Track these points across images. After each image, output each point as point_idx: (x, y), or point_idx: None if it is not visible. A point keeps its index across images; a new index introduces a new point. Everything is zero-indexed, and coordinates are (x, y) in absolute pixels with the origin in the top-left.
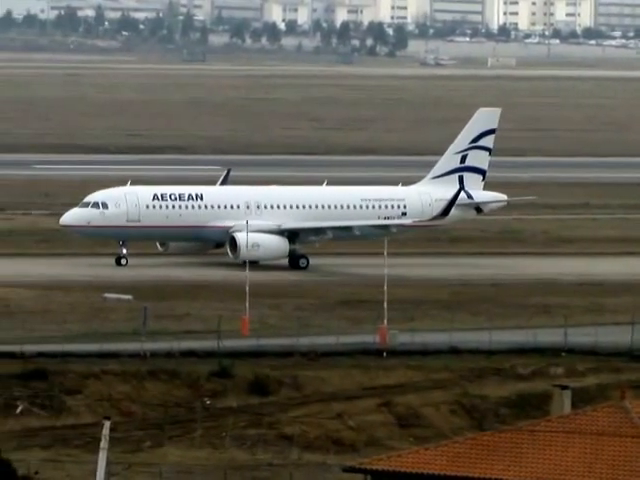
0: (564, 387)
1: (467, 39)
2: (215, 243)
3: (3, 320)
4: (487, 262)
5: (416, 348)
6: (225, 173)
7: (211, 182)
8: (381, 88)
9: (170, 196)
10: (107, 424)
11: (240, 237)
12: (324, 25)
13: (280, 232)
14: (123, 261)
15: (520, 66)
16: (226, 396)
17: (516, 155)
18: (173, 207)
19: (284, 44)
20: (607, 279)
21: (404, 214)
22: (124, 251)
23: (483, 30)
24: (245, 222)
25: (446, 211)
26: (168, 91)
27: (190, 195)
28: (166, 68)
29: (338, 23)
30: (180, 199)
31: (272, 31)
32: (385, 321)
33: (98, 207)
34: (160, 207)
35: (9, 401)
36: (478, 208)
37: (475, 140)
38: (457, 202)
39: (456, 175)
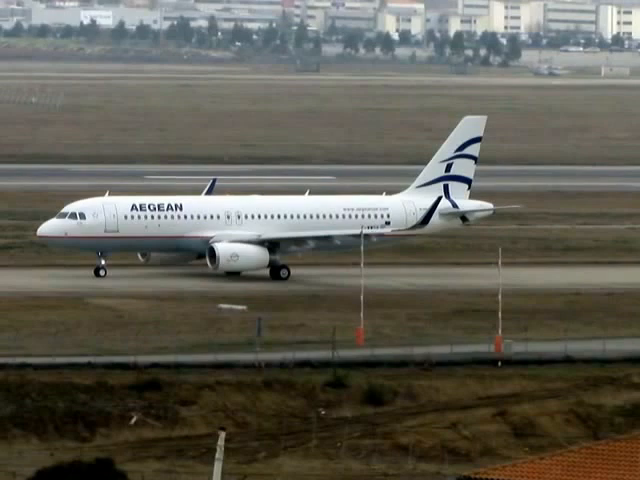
0: None
1: (580, 49)
2: (197, 254)
3: (117, 331)
4: (600, 271)
5: (531, 357)
6: (210, 183)
7: (324, 192)
8: (494, 98)
9: (149, 206)
10: (222, 435)
11: (219, 248)
12: (437, 35)
13: (260, 242)
14: (102, 272)
15: (634, 75)
16: (341, 406)
17: (630, 164)
18: (152, 217)
19: (397, 54)
20: None
21: (387, 223)
22: (102, 262)
23: (597, 40)
24: (225, 232)
25: (425, 220)
26: (281, 101)
27: (169, 205)
28: (279, 78)
29: (451, 33)
30: (159, 209)
31: (385, 41)
32: (500, 330)
33: (75, 218)
34: (139, 217)
35: (123, 412)
36: (464, 217)
37: (460, 148)
38: (444, 211)
39: (441, 184)
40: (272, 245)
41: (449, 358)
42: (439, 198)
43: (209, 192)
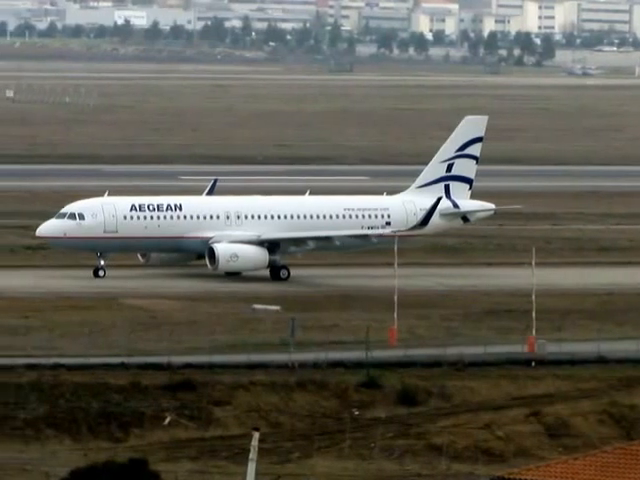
0: None
1: (614, 48)
2: (197, 254)
3: (150, 331)
4: (634, 272)
5: (564, 358)
6: (212, 183)
7: (358, 192)
8: (528, 98)
9: (148, 207)
10: (256, 435)
11: (218, 248)
12: (471, 35)
13: (260, 243)
14: (101, 272)
15: None
16: (374, 407)
17: None
18: (151, 218)
19: (431, 54)
20: None
21: (388, 224)
22: (102, 262)
23: (630, 39)
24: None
25: (425, 220)
26: (315, 101)
27: (169, 205)
28: (313, 79)
29: (485, 33)
30: (159, 209)
31: (419, 41)
32: (533, 331)
33: (75, 218)
34: (138, 218)
35: (157, 413)
36: (465, 217)
37: (461, 149)
38: (444, 212)
39: (442, 184)
40: (272, 245)
41: (482, 358)
42: (439, 199)
43: (210, 192)
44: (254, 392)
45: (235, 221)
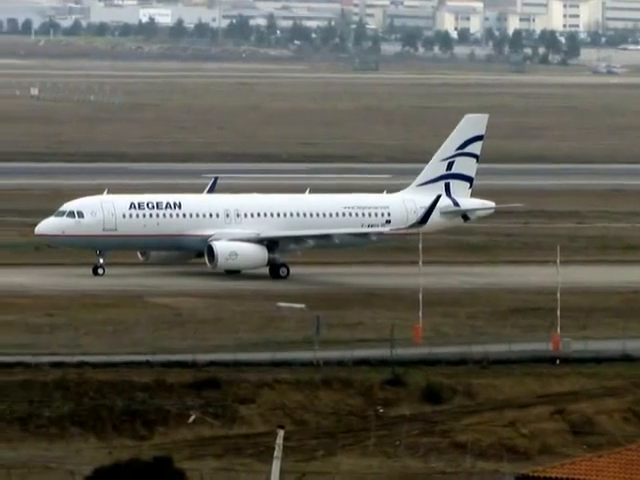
0: None
1: (639, 47)
2: (196, 252)
3: (175, 329)
4: None
5: (589, 356)
6: (212, 181)
7: (377, 190)
8: (553, 96)
9: (148, 205)
10: (281, 433)
11: (217, 246)
12: (496, 33)
13: (259, 241)
14: (100, 271)
15: None
16: (399, 404)
17: None
18: (151, 216)
19: (456, 52)
20: None
21: (388, 222)
22: (101, 261)
23: None
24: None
25: (424, 219)
26: (340, 100)
27: (168, 204)
28: (338, 77)
29: (510, 31)
30: (158, 207)
31: (444, 40)
32: (558, 329)
33: (73, 216)
34: (137, 216)
35: (182, 410)
36: (465, 215)
37: (462, 147)
38: (445, 210)
39: (442, 182)
40: (271, 243)
41: (507, 356)
42: (438, 197)
43: (211, 190)
44: (279, 390)
45: (235, 219)
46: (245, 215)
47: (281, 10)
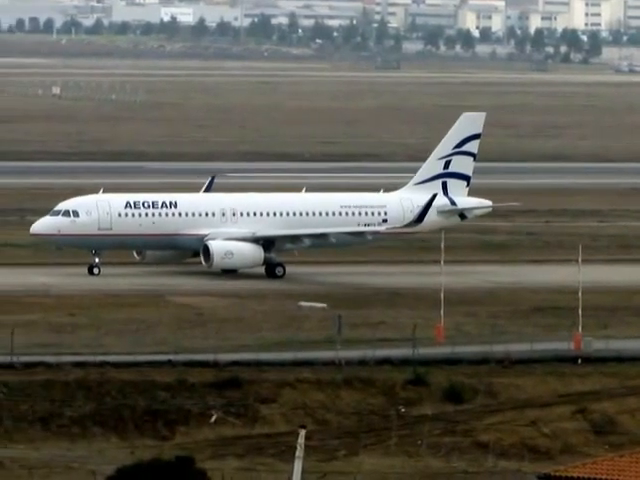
0: None
1: None
2: (192, 251)
3: (197, 329)
4: None
5: (611, 355)
6: (209, 180)
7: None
8: (575, 95)
9: (143, 204)
10: (302, 433)
11: (213, 246)
12: (518, 32)
13: (255, 240)
14: (96, 270)
15: None
16: (421, 404)
17: None
18: (146, 215)
19: (478, 51)
20: None
21: (385, 221)
22: (97, 260)
23: None
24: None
25: (420, 218)
26: (362, 98)
27: (164, 203)
28: (359, 76)
29: (532, 30)
30: (154, 207)
31: (466, 38)
32: (580, 328)
33: (69, 215)
34: (133, 215)
35: (203, 410)
36: (462, 214)
37: (459, 145)
38: (441, 209)
39: (439, 181)
40: (267, 243)
41: (529, 355)
42: (434, 196)
43: (207, 190)
44: (300, 389)
45: (231, 218)
46: (241, 214)
47: (303, 9)
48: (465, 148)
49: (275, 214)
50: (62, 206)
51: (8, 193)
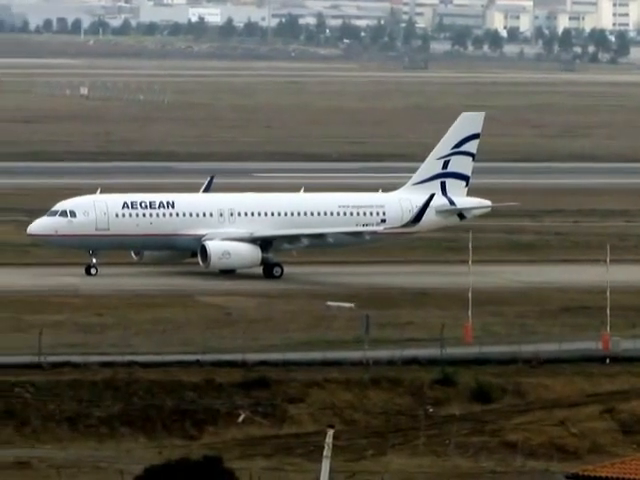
0: None
1: None
2: (190, 252)
3: (225, 329)
4: None
5: (639, 355)
6: (208, 180)
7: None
8: (603, 95)
9: (141, 204)
10: (330, 432)
11: (210, 246)
12: (546, 32)
13: (252, 240)
14: (93, 270)
15: None
16: (449, 404)
17: None
18: (144, 215)
19: (506, 51)
20: None
21: (383, 221)
22: (94, 260)
23: None
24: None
25: (418, 218)
26: (390, 98)
27: (161, 203)
28: (387, 76)
29: (560, 30)
30: (151, 207)
31: (494, 38)
32: (608, 328)
33: (66, 215)
34: (130, 215)
35: (231, 410)
36: (461, 214)
37: (458, 145)
38: (440, 209)
39: (438, 181)
40: (265, 243)
41: (557, 355)
42: (431, 196)
43: (206, 190)
44: (328, 389)
45: (228, 218)
46: (239, 214)
47: (330, 9)
48: (464, 148)
49: (273, 214)
50: (59, 206)
51: (36, 193)
